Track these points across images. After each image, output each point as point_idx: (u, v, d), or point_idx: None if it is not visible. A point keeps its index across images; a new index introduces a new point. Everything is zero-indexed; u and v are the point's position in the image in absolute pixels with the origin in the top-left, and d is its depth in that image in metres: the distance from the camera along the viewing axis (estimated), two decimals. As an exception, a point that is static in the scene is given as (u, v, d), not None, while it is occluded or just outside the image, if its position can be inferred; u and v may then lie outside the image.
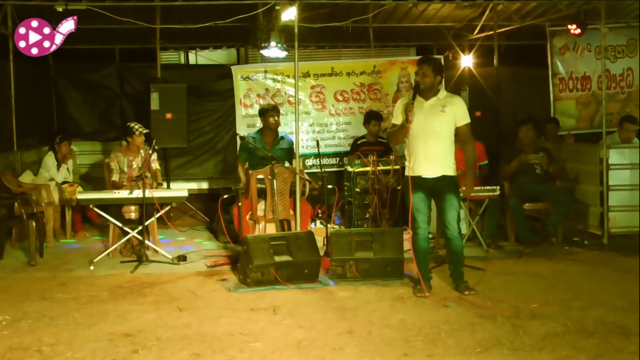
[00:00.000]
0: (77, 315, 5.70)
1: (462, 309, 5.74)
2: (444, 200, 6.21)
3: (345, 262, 6.74)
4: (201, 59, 12.62)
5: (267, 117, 8.54)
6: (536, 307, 5.72)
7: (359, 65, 10.55)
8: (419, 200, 6.18)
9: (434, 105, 6.19)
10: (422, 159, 6.14)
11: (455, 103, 6.22)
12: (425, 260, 6.30)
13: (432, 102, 6.20)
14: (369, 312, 5.72)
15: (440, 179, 6.16)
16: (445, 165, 6.19)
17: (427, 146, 6.14)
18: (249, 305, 5.91)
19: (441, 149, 6.17)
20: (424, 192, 6.18)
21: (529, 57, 12.25)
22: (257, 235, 7.26)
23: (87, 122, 11.35)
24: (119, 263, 7.67)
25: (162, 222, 8.37)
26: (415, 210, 6.21)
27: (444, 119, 6.16)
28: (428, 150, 6.14)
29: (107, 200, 7.70)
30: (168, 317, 5.65)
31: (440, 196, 6.23)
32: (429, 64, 6.22)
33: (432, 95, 6.21)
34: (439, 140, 6.15)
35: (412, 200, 6.20)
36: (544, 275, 6.90)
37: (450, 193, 6.19)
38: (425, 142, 6.13)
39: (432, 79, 6.17)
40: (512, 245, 8.33)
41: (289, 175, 7.85)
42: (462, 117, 6.21)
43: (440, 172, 6.16)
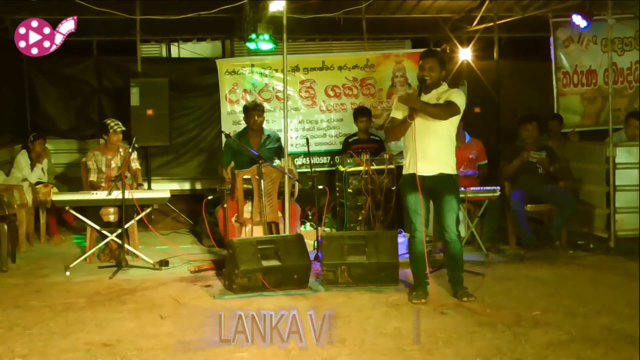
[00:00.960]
0: (52, 324, 5.68)
1: (460, 317, 5.75)
2: (442, 201, 6.21)
3: (336, 267, 6.74)
4: (184, 52, 12.60)
5: (249, 117, 8.54)
6: (539, 315, 5.73)
7: (352, 59, 10.57)
8: (416, 200, 6.17)
9: (431, 100, 6.19)
10: (420, 156, 6.12)
11: (451, 94, 6.18)
12: (422, 265, 6.30)
13: (430, 96, 6.20)
14: (362, 319, 5.72)
15: (438, 178, 6.16)
16: (443, 163, 6.20)
17: (424, 143, 6.12)
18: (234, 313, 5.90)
19: (440, 146, 6.17)
20: (422, 192, 6.15)
21: (531, 50, 12.26)
22: (243, 238, 7.26)
23: (63, 118, 11.28)
24: (96, 268, 7.66)
25: (142, 225, 8.36)
26: (412, 212, 6.22)
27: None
28: (426, 147, 6.12)
29: (84, 202, 7.69)
30: (149, 325, 5.64)
31: (438, 197, 6.23)
32: (435, 57, 6.25)
33: (433, 88, 6.23)
34: (437, 137, 6.15)
35: (409, 201, 6.21)
36: (547, 281, 6.92)
37: (449, 194, 6.19)
38: (422, 138, 6.12)
39: (438, 73, 6.19)
40: (513, 249, 8.35)
41: (277, 175, 7.85)
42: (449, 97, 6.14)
43: (438, 170, 6.16)
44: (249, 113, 8.55)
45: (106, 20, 10.18)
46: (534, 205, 8.38)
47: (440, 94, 6.22)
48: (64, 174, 10.71)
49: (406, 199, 6.27)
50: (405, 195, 6.27)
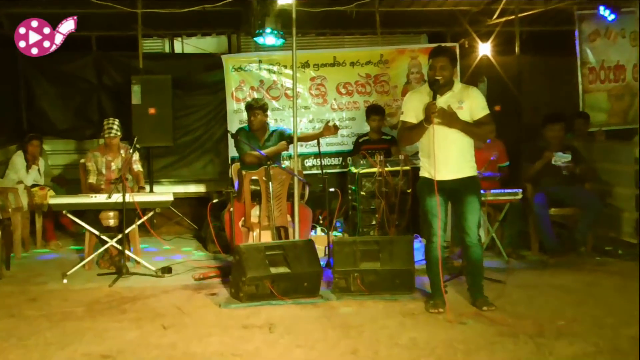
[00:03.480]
0: (49, 335, 5.68)
1: (480, 327, 5.73)
2: (464, 202, 6.20)
3: (349, 274, 6.73)
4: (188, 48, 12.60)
5: (250, 116, 8.47)
6: (563, 325, 5.71)
7: (364, 55, 10.57)
8: (434, 203, 6.14)
9: (450, 101, 6.16)
10: (440, 162, 6.05)
11: (472, 95, 6.20)
12: (439, 272, 6.28)
13: (447, 97, 6.17)
14: (376, 329, 5.71)
15: (459, 181, 6.16)
16: (465, 167, 6.20)
17: (445, 148, 6.08)
18: (241, 323, 5.91)
19: (461, 150, 6.17)
20: (441, 194, 6.11)
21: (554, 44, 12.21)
22: (250, 244, 7.25)
23: (61, 118, 11.31)
24: (95, 276, 7.68)
25: (144, 230, 8.37)
26: (430, 215, 6.21)
27: (461, 114, 6.12)
28: (447, 153, 6.09)
29: (83, 206, 7.70)
30: (151, 336, 5.64)
31: (459, 198, 6.22)
32: (446, 55, 6.21)
33: (447, 89, 6.19)
34: (458, 141, 6.14)
35: (427, 204, 6.20)
36: (572, 289, 6.89)
37: (471, 195, 6.19)
38: (443, 143, 6.07)
39: (450, 72, 6.16)
40: (536, 255, 8.33)
41: (287, 177, 7.84)
42: (479, 109, 6.18)
43: (459, 175, 6.16)
44: (250, 112, 8.46)
45: (106, 14, 10.21)
46: (558, 208, 8.35)
47: (459, 94, 6.20)
48: (61, 176, 10.74)
49: (424, 202, 6.25)
50: (424, 197, 6.26)
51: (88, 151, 8.89)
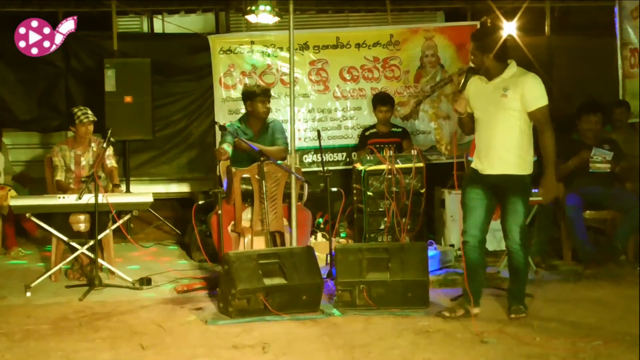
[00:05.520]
0: (9, 356, 5.69)
1: (503, 346, 5.74)
2: (506, 202, 6.35)
3: (354, 285, 6.75)
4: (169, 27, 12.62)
5: (256, 103, 8.37)
6: (600, 345, 5.72)
7: (372, 35, 10.60)
8: (472, 196, 6.38)
9: (496, 87, 6.32)
10: (483, 153, 6.38)
11: (523, 82, 6.28)
12: (477, 277, 6.41)
13: (495, 83, 6.35)
14: (385, 349, 5.73)
15: (504, 178, 6.30)
16: (510, 162, 6.31)
17: (489, 137, 6.35)
18: (231, 342, 5.92)
19: (506, 142, 6.29)
20: (483, 188, 6.34)
21: (590, 22, 12.24)
22: (241, 251, 7.26)
23: (23, 107, 11.28)
24: (63, 288, 7.68)
25: (120, 236, 8.39)
26: (466, 209, 6.36)
27: (506, 104, 6.25)
28: (489, 143, 6.34)
29: (49, 208, 7.71)
30: (127, 357, 5.66)
31: (503, 197, 6.38)
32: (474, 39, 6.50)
33: (497, 74, 6.35)
34: (503, 131, 6.29)
35: (466, 195, 6.40)
36: (610, 304, 6.92)
37: (515, 194, 6.30)
38: (487, 132, 6.36)
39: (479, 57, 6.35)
40: (569, 265, 8.36)
41: (283, 175, 7.86)
42: (531, 100, 6.27)
43: (502, 171, 6.30)
44: (256, 100, 8.37)
45: (75, -12, 10.24)
46: (594, 211, 8.38)
47: (507, 81, 6.31)
48: (23, 174, 10.70)
49: (464, 192, 6.46)
50: (465, 187, 6.46)
51: (54, 145, 8.87)
